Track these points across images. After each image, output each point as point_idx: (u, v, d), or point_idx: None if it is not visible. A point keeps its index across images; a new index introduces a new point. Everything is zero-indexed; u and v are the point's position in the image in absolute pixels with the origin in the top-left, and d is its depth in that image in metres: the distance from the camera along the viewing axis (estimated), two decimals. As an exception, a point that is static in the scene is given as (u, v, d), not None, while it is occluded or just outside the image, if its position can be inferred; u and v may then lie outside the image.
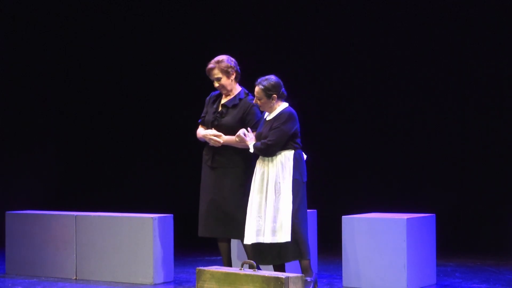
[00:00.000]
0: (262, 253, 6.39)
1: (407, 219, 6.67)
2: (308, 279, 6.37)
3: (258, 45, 10.35)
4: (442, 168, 9.67)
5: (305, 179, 6.45)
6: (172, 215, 7.41)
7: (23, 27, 10.99)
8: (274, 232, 6.28)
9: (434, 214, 7.14)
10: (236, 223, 6.58)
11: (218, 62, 6.73)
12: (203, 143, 6.85)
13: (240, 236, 6.60)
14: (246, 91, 6.78)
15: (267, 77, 6.45)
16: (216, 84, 6.74)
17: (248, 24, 10.57)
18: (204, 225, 6.71)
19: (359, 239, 6.80)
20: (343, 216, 6.93)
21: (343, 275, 6.90)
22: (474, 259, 8.52)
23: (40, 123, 11.16)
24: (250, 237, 6.38)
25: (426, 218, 6.99)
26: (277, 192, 6.33)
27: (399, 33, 9.77)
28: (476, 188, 9.51)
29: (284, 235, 6.26)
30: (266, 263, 6.44)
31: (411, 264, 6.66)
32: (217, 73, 6.72)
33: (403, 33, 9.75)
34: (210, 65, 6.74)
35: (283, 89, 6.47)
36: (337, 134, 10.09)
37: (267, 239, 6.30)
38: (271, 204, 6.32)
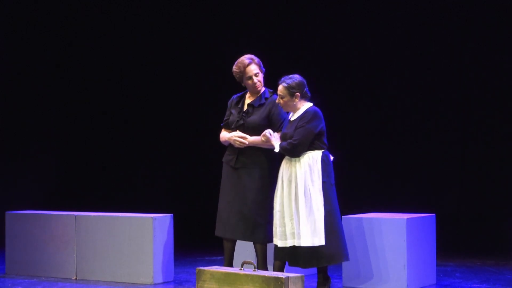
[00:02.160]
0: (295, 256, 6.32)
1: (407, 219, 6.67)
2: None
3: (257, 45, 10.34)
4: (442, 168, 9.68)
5: (333, 181, 6.39)
6: (172, 215, 7.40)
7: (23, 27, 10.99)
8: (309, 235, 6.19)
9: (434, 214, 7.13)
10: (254, 226, 6.50)
11: (252, 58, 6.66)
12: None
13: (255, 239, 6.54)
14: (271, 90, 6.71)
15: (290, 76, 6.40)
16: (255, 80, 6.62)
17: (249, 24, 10.57)
18: (223, 225, 6.62)
19: (359, 239, 6.80)
20: (343, 216, 6.93)
21: (343, 275, 6.90)
22: (474, 259, 8.52)
23: (40, 123, 11.16)
24: (284, 239, 6.29)
25: (426, 218, 6.99)
26: (307, 196, 6.23)
27: (399, 34, 9.77)
28: (476, 188, 9.52)
29: (319, 239, 6.19)
30: (301, 266, 6.37)
31: (411, 264, 6.66)
32: (255, 69, 6.63)
33: (403, 34, 9.75)
34: (247, 61, 6.63)
35: (306, 88, 6.41)
36: (337, 134, 10.07)
37: (303, 242, 6.20)
38: (302, 208, 6.22)
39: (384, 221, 6.74)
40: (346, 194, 9.86)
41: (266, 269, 6.54)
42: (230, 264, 6.75)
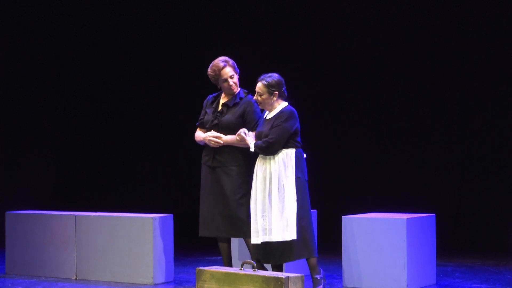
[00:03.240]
0: (267, 252, 6.38)
1: (407, 219, 6.67)
2: (318, 276, 6.39)
3: (258, 45, 10.34)
4: (442, 168, 9.67)
5: (306, 177, 6.47)
6: (172, 215, 7.41)
7: (22, 27, 10.98)
8: (281, 230, 6.28)
9: (434, 214, 7.14)
10: (238, 222, 6.58)
11: (226, 61, 6.74)
12: (200, 144, 6.85)
13: (243, 234, 6.60)
14: (246, 91, 6.81)
15: (270, 74, 6.48)
16: (231, 83, 6.70)
17: (245, 27, 10.56)
18: (205, 225, 6.71)
19: (359, 239, 6.80)
20: (343, 216, 6.94)
21: (343, 275, 6.90)
22: (474, 259, 8.52)
23: (40, 123, 11.16)
24: (256, 236, 6.37)
25: (426, 218, 6.99)
26: (280, 190, 6.32)
27: (400, 34, 9.76)
28: (476, 188, 9.51)
29: (290, 234, 6.26)
30: (272, 262, 6.43)
31: (411, 264, 6.67)
32: (230, 71, 6.71)
33: (404, 34, 9.74)
34: (222, 64, 6.71)
35: (284, 88, 6.50)
36: (337, 134, 10.08)
37: (274, 237, 6.29)
38: (275, 203, 6.32)
39: (384, 221, 6.74)
40: (346, 194, 9.92)
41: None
42: (229, 264, 6.77)
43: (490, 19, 9.38)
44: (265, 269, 6.42)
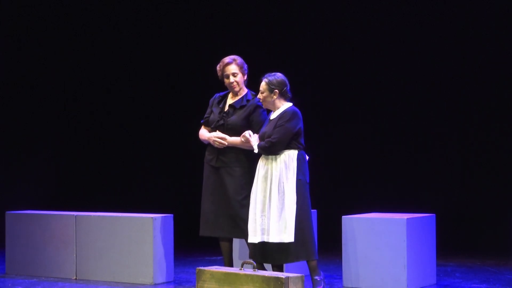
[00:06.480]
0: (265, 252, 6.40)
1: (407, 219, 6.67)
2: (318, 278, 6.39)
3: (261, 47, 10.34)
4: (442, 168, 9.68)
5: (308, 180, 6.47)
6: (172, 215, 7.41)
7: (21, 29, 10.98)
8: (278, 232, 6.28)
9: (434, 214, 7.14)
10: (240, 223, 6.56)
11: (234, 59, 6.74)
12: (204, 143, 6.85)
13: (244, 235, 6.59)
14: (253, 93, 6.77)
15: (274, 73, 6.52)
16: (231, 80, 6.70)
17: (249, 27, 10.56)
18: (207, 224, 6.70)
19: (359, 239, 6.80)
20: (343, 216, 6.94)
21: (343, 275, 6.90)
22: (474, 259, 8.52)
23: (40, 123, 11.16)
24: (254, 236, 6.38)
25: (426, 218, 6.99)
26: (280, 192, 6.33)
27: (402, 36, 9.76)
28: (476, 188, 9.52)
29: (288, 236, 6.27)
30: (269, 262, 6.44)
31: (411, 264, 6.67)
32: (234, 69, 6.70)
33: (406, 36, 9.74)
34: (227, 60, 6.72)
35: (287, 88, 6.50)
36: (337, 134, 10.08)
37: (271, 238, 6.30)
38: (275, 204, 6.33)
39: (384, 221, 6.74)
40: (346, 194, 9.93)
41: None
42: (230, 264, 6.77)
43: (490, 19, 9.39)
44: (264, 268, 6.42)
